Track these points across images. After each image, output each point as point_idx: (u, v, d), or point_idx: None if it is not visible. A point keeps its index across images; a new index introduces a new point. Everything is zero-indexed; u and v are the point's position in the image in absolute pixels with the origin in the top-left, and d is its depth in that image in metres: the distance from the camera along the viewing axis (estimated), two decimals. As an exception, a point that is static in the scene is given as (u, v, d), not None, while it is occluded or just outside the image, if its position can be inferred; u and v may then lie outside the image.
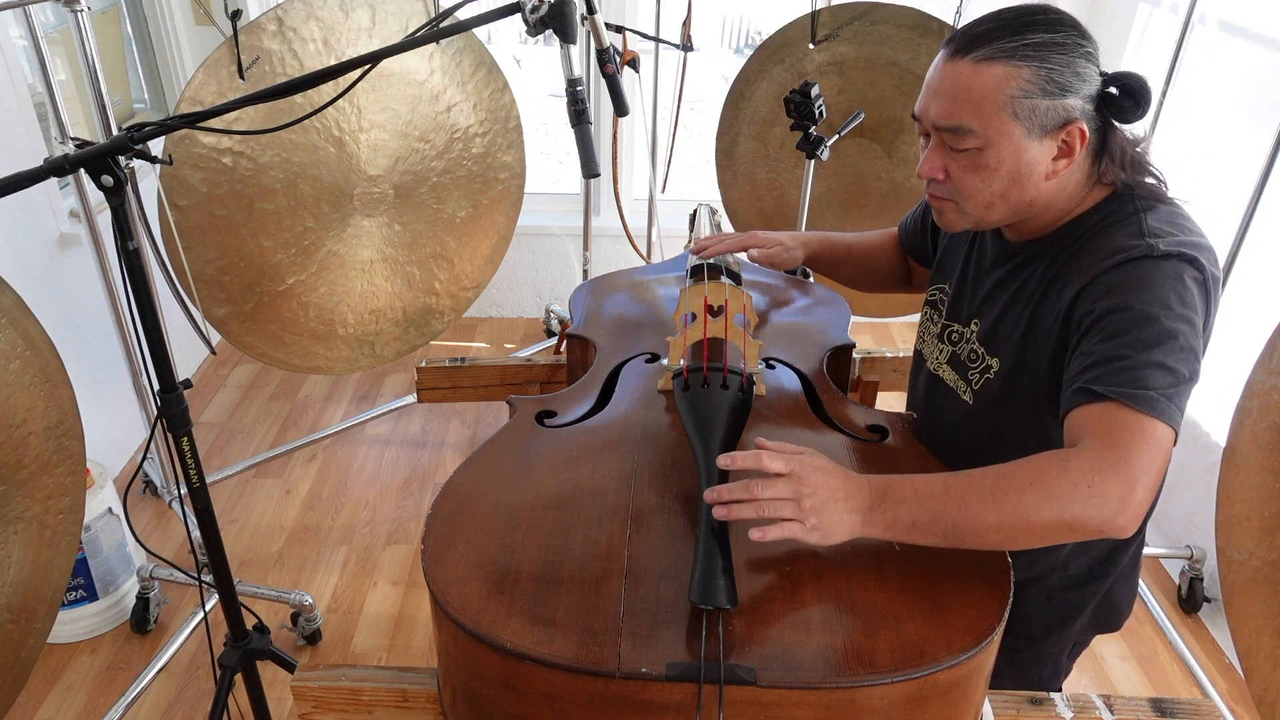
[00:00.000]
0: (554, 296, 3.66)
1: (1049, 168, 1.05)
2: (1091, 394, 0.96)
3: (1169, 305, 0.97)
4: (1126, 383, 0.94)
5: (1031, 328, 1.12)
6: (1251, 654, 1.21)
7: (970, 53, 1.02)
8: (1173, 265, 0.99)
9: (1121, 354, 0.96)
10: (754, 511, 0.93)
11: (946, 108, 1.04)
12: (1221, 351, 1.12)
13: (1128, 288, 0.99)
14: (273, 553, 2.44)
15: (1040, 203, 1.09)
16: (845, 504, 0.94)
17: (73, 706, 1.99)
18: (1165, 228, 1.04)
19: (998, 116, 1.02)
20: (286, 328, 2.30)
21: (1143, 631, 2.25)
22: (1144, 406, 0.93)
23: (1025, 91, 1.00)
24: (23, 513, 1.29)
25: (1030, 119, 1.02)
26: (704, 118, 5.69)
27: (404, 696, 1.08)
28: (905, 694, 0.87)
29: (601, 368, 1.40)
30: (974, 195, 1.08)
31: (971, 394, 1.22)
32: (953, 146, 1.06)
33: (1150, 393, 0.94)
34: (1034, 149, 1.03)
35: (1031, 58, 1.00)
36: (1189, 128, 2.62)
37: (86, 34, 1.73)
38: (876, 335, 3.66)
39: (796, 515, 0.93)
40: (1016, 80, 1.00)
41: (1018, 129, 1.02)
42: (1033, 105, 1.01)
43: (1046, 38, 1.01)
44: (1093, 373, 0.97)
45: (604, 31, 1.45)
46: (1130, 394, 0.94)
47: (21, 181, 1.05)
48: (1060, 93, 1.01)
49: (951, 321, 1.28)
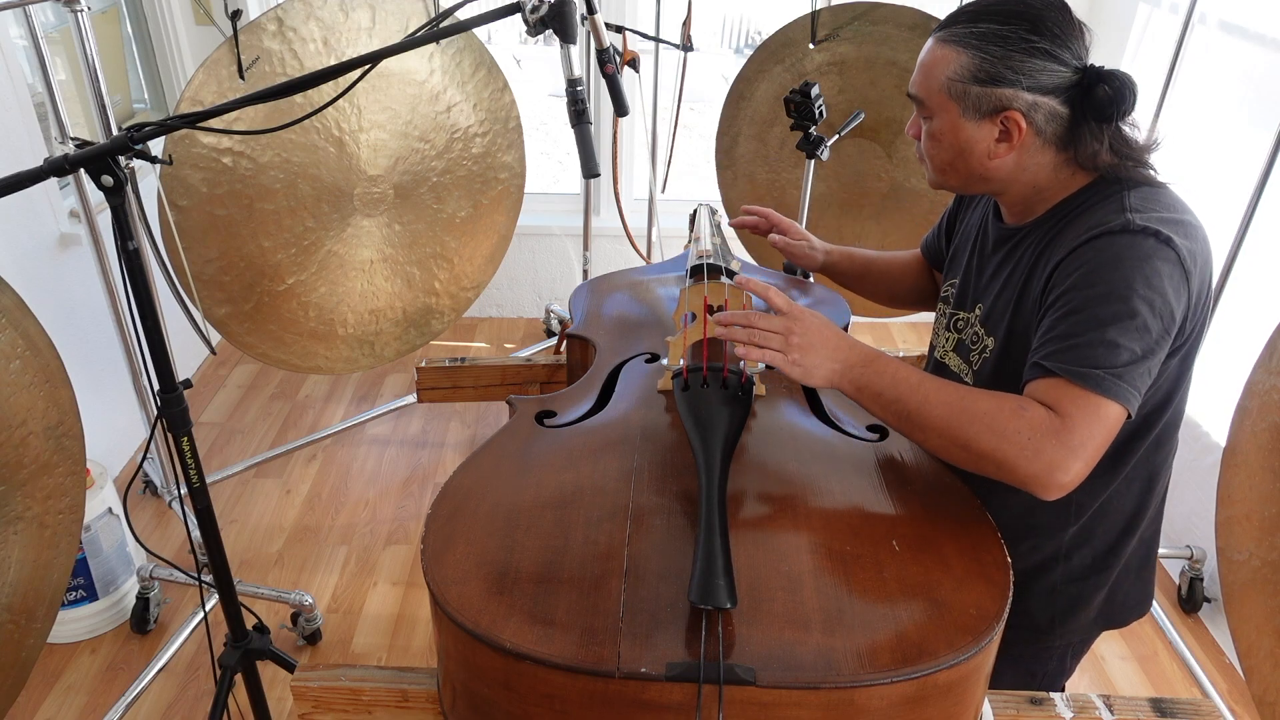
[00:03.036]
0: (554, 296, 3.66)
1: (990, 149, 1.12)
2: (1044, 369, 1.03)
3: (1132, 285, 1.01)
4: (1076, 360, 1.01)
5: (1019, 305, 1.15)
6: (1251, 654, 1.21)
7: (939, 31, 1.13)
8: (1147, 244, 1.02)
9: (1076, 331, 1.02)
10: (746, 335, 1.09)
11: (915, 77, 1.16)
12: (1221, 351, 1.12)
13: (1097, 265, 1.03)
14: (273, 553, 2.44)
15: (997, 179, 1.15)
16: (831, 353, 1.09)
17: (73, 706, 1.99)
18: (1146, 204, 1.07)
19: (939, 94, 1.12)
20: (286, 328, 2.30)
21: (1143, 631, 2.25)
22: (1088, 384, 1.00)
23: (959, 76, 1.09)
24: (23, 513, 1.29)
25: (963, 101, 1.10)
26: (704, 118, 5.70)
27: (404, 696, 1.08)
28: (905, 694, 0.87)
29: (601, 368, 1.40)
30: (932, 158, 1.19)
31: (971, 375, 1.24)
32: (919, 113, 1.18)
33: (1098, 371, 1.00)
34: (970, 129, 1.12)
35: (973, 46, 1.08)
36: (1189, 128, 2.62)
37: (86, 34, 1.73)
38: (876, 335, 3.66)
39: (783, 348, 1.08)
40: (954, 64, 1.10)
41: (954, 108, 1.11)
42: (964, 89, 1.09)
43: (992, 29, 1.07)
44: (1049, 348, 1.04)
45: (604, 31, 1.45)
46: (1078, 372, 1.01)
47: (21, 181, 1.05)
48: (991, 82, 1.08)
49: (958, 310, 1.30)
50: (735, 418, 1.16)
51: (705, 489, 1.02)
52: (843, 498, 1.10)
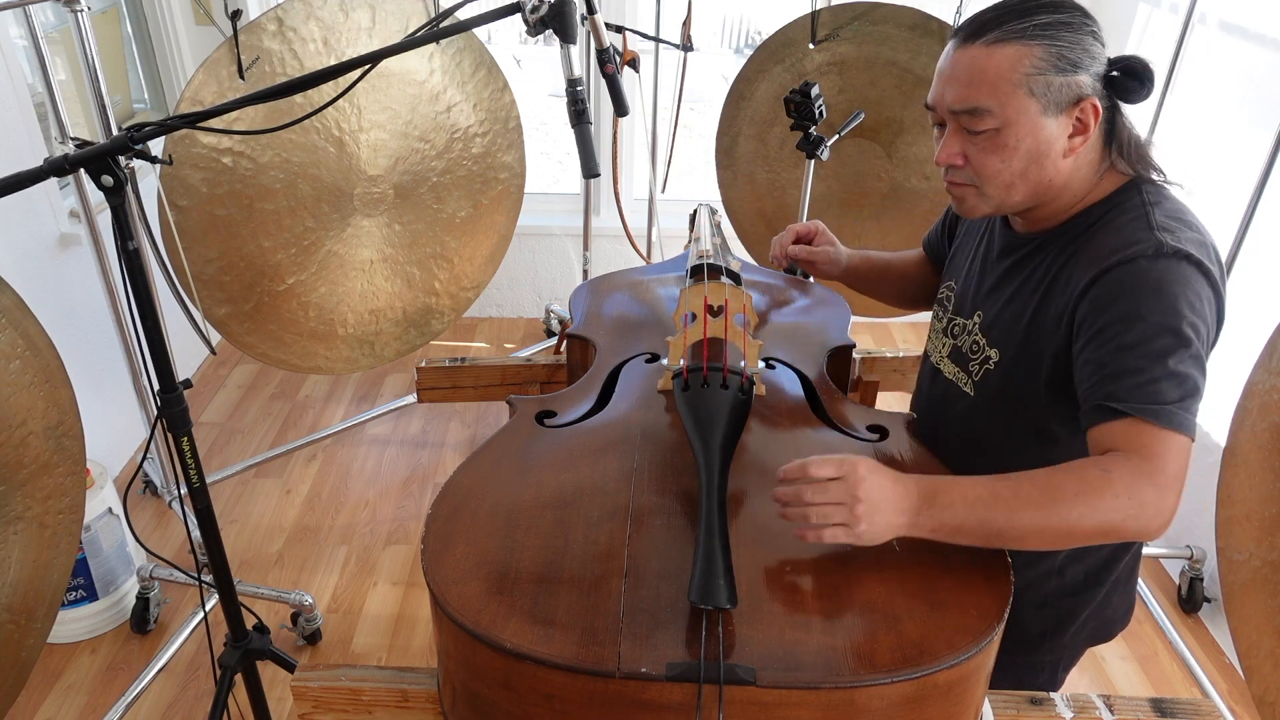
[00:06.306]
0: (554, 296, 3.66)
1: (1066, 145, 1.07)
2: (1114, 411, 0.98)
3: (1180, 313, 0.99)
4: (1146, 398, 0.97)
5: (1036, 319, 1.12)
6: (1251, 654, 1.21)
7: (981, 37, 1.05)
8: (1183, 269, 1.00)
9: (1139, 366, 0.98)
10: (805, 515, 0.95)
11: (962, 91, 1.06)
12: (1222, 351, 1.12)
13: (1141, 294, 1.00)
14: (273, 553, 2.44)
15: (1058, 184, 1.10)
16: (895, 506, 0.95)
17: (73, 706, 1.99)
18: (1173, 223, 1.05)
19: (1014, 94, 1.04)
20: (286, 328, 2.30)
21: (1143, 631, 2.25)
22: (1163, 421, 0.96)
23: (1039, 69, 1.03)
24: (23, 513, 1.29)
25: (1045, 95, 1.04)
26: (704, 118, 5.69)
27: (404, 696, 1.08)
28: (905, 694, 0.87)
29: (601, 368, 1.40)
30: (994, 177, 1.09)
31: (973, 386, 1.22)
32: (970, 129, 1.08)
33: (1169, 407, 0.97)
34: (1050, 125, 1.05)
35: (1041, 36, 1.03)
36: (1189, 128, 2.62)
37: (86, 34, 1.73)
38: (876, 335, 3.66)
39: (848, 520, 0.94)
40: (1029, 58, 1.03)
41: (1034, 105, 1.04)
42: (1047, 81, 1.03)
43: (1054, 18, 1.04)
44: (1111, 386, 0.99)
45: (604, 31, 1.45)
46: (1151, 410, 0.97)
47: (21, 181, 1.05)
48: (1072, 69, 1.03)
49: (955, 315, 1.28)
50: (735, 418, 1.15)
51: (705, 489, 1.02)
52: (843, 498, 1.09)
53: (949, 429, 1.27)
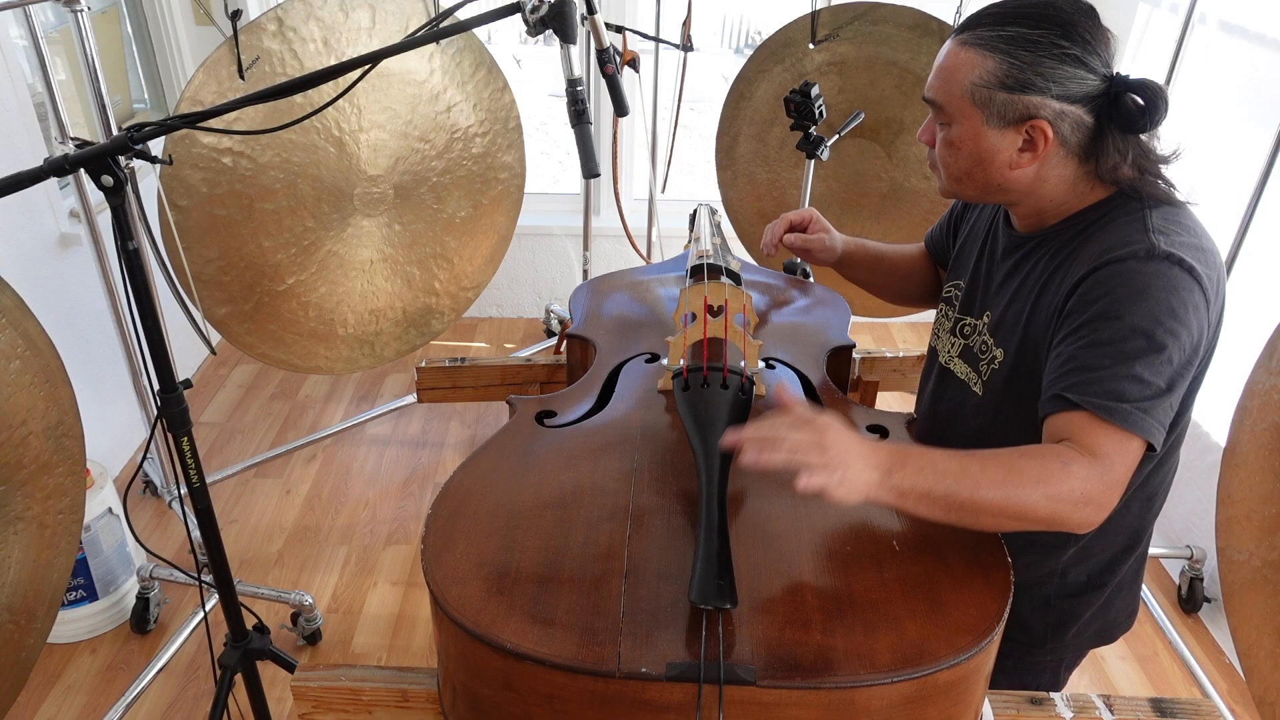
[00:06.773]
0: (554, 296, 3.66)
1: (1012, 158, 1.07)
2: (1070, 403, 0.99)
3: (1159, 318, 0.98)
4: (1104, 394, 0.98)
5: (1033, 317, 1.12)
6: (1251, 654, 1.21)
7: (961, 34, 1.07)
8: (1173, 273, 0.99)
9: (1102, 364, 0.99)
10: (785, 453, 0.94)
11: (932, 81, 1.10)
12: (1222, 351, 1.12)
13: (1124, 294, 1.00)
14: (273, 553, 2.44)
15: (1019, 189, 1.11)
16: (866, 460, 0.95)
17: (73, 706, 1.99)
18: (1170, 226, 1.04)
19: (961, 99, 1.06)
20: (286, 328, 2.30)
21: (1143, 631, 2.25)
22: (1117, 419, 0.97)
23: (985, 81, 1.04)
24: (23, 513, 1.29)
25: (987, 108, 1.05)
26: (704, 118, 5.69)
27: (404, 696, 1.08)
28: (905, 694, 0.87)
29: (601, 368, 1.40)
30: (947, 167, 1.13)
31: (981, 385, 1.22)
32: (935, 118, 1.13)
33: (1125, 405, 0.97)
34: (993, 137, 1.07)
35: (1000, 50, 1.03)
36: (1189, 128, 2.62)
37: (86, 34, 1.73)
38: (876, 335, 3.66)
39: (823, 462, 0.93)
40: (980, 69, 1.04)
41: (977, 115, 1.06)
42: (990, 95, 1.04)
43: (1021, 33, 1.02)
44: (1072, 379, 1.00)
45: (604, 31, 1.45)
46: (1107, 406, 0.97)
47: (21, 181, 1.05)
48: (1020, 88, 1.03)
49: (964, 315, 1.27)
50: (735, 418, 1.15)
51: (705, 489, 1.02)
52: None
53: (958, 428, 1.26)
